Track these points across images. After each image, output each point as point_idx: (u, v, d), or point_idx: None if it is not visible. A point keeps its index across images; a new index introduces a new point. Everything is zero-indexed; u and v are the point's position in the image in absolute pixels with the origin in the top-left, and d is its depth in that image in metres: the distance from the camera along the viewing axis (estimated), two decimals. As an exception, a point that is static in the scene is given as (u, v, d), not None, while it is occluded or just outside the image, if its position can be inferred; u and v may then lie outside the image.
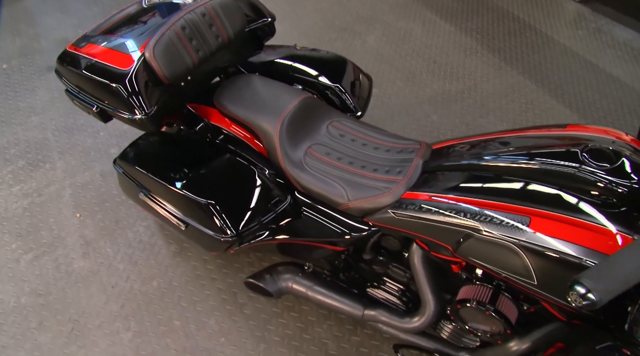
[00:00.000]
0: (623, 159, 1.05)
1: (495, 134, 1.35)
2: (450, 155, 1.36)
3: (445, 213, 1.20)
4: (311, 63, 1.79)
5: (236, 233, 1.44)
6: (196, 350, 1.81)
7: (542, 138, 1.24)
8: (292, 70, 1.78)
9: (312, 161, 1.47)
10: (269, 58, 1.84)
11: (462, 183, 1.23)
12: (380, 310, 1.56)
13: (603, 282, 0.67)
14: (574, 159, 1.09)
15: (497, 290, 1.23)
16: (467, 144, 1.38)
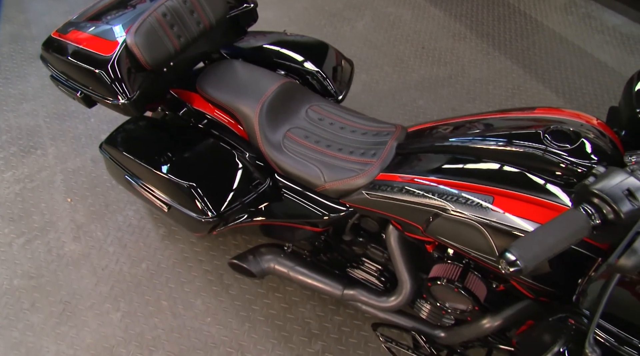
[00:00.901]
0: (582, 140, 1.09)
1: (467, 117, 1.38)
2: (423, 138, 1.39)
3: (415, 193, 1.24)
4: (293, 49, 1.81)
5: (217, 214, 1.48)
6: (183, 330, 1.86)
7: (510, 120, 1.27)
8: (274, 55, 1.80)
9: (290, 144, 1.51)
10: (253, 44, 1.86)
11: (431, 164, 1.27)
12: (359, 290, 1.60)
13: (529, 251, 0.71)
14: (536, 140, 1.13)
15: (466, 268, 1.28)
16: (440, 126, 1.41)
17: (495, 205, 1.10)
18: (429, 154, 1.32)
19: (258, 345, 1.81)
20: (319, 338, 1.82)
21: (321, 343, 1.80)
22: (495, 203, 1.10)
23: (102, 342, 1.84)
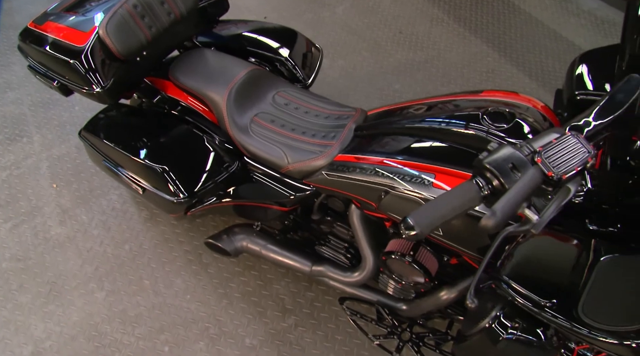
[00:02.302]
0: (517, 120, 1.17)
1: (421, 100, 1.46)
2: (380, 120, 1.47)
3: (368, 172, 1.32)
4: (263, 37, 1.88)
5: (187, 195, 1.57)
6: (164, 307, 1.96)
7: (458, 103, 1.35)
8: (245, 44, 1.87)
9: (257, 128, 1.59)
10: (225, 33, 1.93)
11: (383, 145, 1.36)
12: (326, 266, 1.70)
13: (425, 217, 0.79)
14: (476, 121, 1.21)
15: (417, 243, 1.37)
16: (396, 109, 1.49)
17: (436, 182, 1.18)
18: (382, 135, 1.40)
19: (234, 320, 1.91)
20: (292, 313, 1.91)
21: (294, 318, 1.90)
22: (437, 180, 1.19)
23: (88, 319, 1.94)
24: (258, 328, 1.89)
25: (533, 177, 0.79)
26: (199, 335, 1.89)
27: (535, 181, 0.79)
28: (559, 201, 0.80)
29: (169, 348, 1.86)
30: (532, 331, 1.14)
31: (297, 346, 1.84)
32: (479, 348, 1.20)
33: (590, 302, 0.82)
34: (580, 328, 0.81)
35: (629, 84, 0.88)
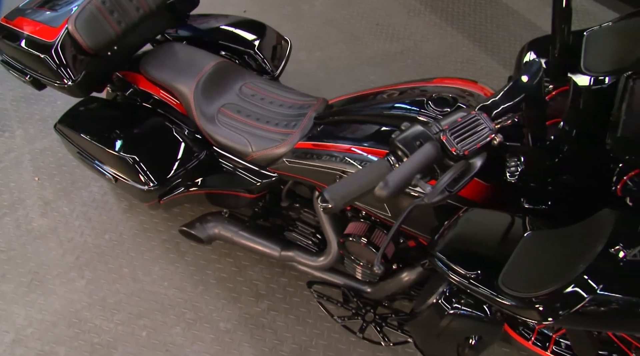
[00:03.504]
0: (458, 104, 1.22)
1: (378, 89, 1.52)
2: (339, 108, 1.53)
3: (323, 158, 1.38)
4: (233, 31, 1.94)
5: (157, 183, 1.63)
6: (142, 293, 2.03)
7: (409, 90, 1.41)
8: (215, 37, 1.93)
9: (224, 118, 1.65)
10: (196, 27, 1.98)
11: (339, 131, 1.42)
12: (295, 251, 1.76)
13: (339, 192, 0.85)
14: (421, 107, 1.26)
15: (372, 225, 1.43)
16: (354, 97, 1.55)
17: (385, 166, 1.24)
18: (338, 123, 1.46)
19: (210, 305, 1.98)
20: (265, 298, 1.98)
21: (267, 302, 1.97)
22: (385, 164, 1.24)
23: (69, 307, 2.00)
24: (232, 313, 1.95)
25: (427, 152, 0.85)
26: (175, 320, 1.95)
27: (428, 155, 0.85)
28: (451, 173, 0.86)
29: (146, 332, 1.93)
30: (477, 306, 1.21)
31: (270, 330, 1.90)
32: (427, 323, 1.27)
33: (509, 273, 0.89)
34: (498, 296, 0.87)
35: (531, 68, 0.94)
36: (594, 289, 0.76)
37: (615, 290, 0.76)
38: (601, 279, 0.76)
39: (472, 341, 1.26)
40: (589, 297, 0.76)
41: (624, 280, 0.77)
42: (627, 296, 0.76)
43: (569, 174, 1.05)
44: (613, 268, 0.76)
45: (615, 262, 0.76)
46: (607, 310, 0.78)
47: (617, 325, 0.82)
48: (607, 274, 0.76)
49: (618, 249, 0.76)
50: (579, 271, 0.77)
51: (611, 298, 0.76)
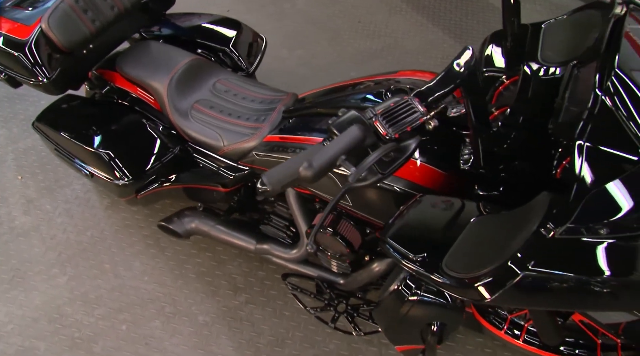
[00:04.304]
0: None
1: (345, 82, 1.55)
2: (307, 102, 1.56)
3: (289, 150, 1.41)
4: (208, 29, 1.97)
5: (132, 178, 1.66)
6: (123, 288, 2.06)
7: (373, 83, 1.44)
8: (192, 36, 1.96)
9: (197, 114, 1.68)
10: (173, 26, 2.02)
11: (305, 124, 1.45)
12: (269, 244, 1.79)
13: (274, 177, 0.89)
14: (380, 98, 1.30)
15: (339, 216, 1.46)
16: (323, 91, 1.58)
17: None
18: (305, 116, 1.49)
19: (189, 299, 2.01)
20: (243, 291, 2.01)
21: (245, 296, 2.00)
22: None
23: (50, 303, 2.03)
24: (211, 306, 1.98)
25: (351, 134, 0.88)
26: (155, 313, 1.98)
27: (353, 137, 0.88)
28: (376, 154, 0.89)
29: (126, 326, 1.96)
30: (437, 293, 1.24)
31: (247, 322, 1.93)
32: (389, 310, 1.30)
33: (453, 255, 0.92)
34: (440, 277, 0.91)
35: (465, 56, 0.97)
36: (525, 267, 0.79)
37: (545, 267, 0.79)
38: (531, 258, 0.79)
39: (434, 328, 1.29)
40: (521, 275, 0.79)
41: (552, 258, 0.80)
42: (556, 273, 0.79)
43: (518, 160, 1.08)
44: (543, 247, 0.79)
45: (544, 241, 0.79)
46: (539, 286, 0.81)
47: (550, 301, 0.86)
48: (537, 253, 0.79)
49: (548, 228, 0.79)
50: (512, 251, 0.80)
51: (541, 275, 0.79)
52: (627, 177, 0.80)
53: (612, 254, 0.80)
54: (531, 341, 1.75)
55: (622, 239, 0.80)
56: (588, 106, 0.84)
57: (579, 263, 0.81)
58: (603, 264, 0.80)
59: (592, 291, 0.81)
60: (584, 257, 0.81)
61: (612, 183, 0.80)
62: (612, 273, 0.79)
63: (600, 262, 0.80)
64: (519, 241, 0.81)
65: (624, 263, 0.80)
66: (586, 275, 0.80)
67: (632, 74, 0.89)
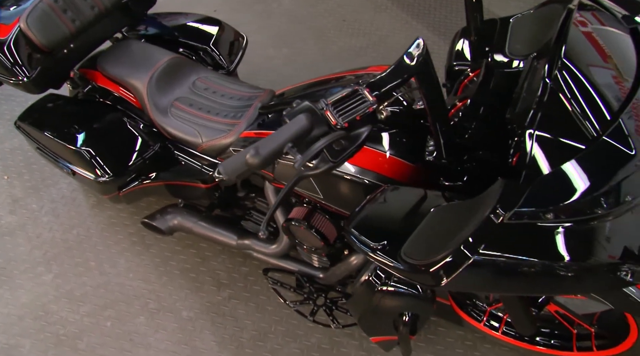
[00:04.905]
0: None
1: (320, 78, 1.57)
2: (283, 98, 1.58)
3: (264, 146, 1.43)
4: (189, 27, 2.00)
5: (112, 175, 1.68)
6: (109, 285, 2.08)
7: (345, 78, 1.46)
8: (173, 35, 1.98)
9: (177, 111, 1.70)
10: (155, 25, 2.04)
11: (279, 120, 1.47)
12: (250, 239, 1.81)
13: (230, 166, 0.92)
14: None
15: (313, 209, 1.48)
16: (298, 88, 1.60)
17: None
18: (280, 111, 1.51)
19: (173, 295, 2.03)
20: (227, 287, 2.03)
21: (229, 291, 2.02)
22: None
23: (35, 301, 2.05)
24: (195, 302, 2.00)
25: (297, 122, 0.91)
26: (140, 309, 2.00)
27: (299, 125, 0.91)
28: (322, 142, 0.92)
29: (111, 323, 1.98)
30: (406, 283, 1.26)
31: (231, 317, 1.95)
32: (361, 301, 1.32)
33: (412, 243, 0.94)
34: (396, 264, 0.93)
35: (416, 48, 0.99)
36: (476, 251, 0.82)
37: (496, 251, 0.81)
38: (482, 242, 0.81)
39: (406, 318, 1.32)
40: (472, 259, 0.81)
41: (503, 242, 0.82)
42: (507, 256, 0.82)
43: (480, 150, 1.11)
44: (492, 232, 0.81)
45: (494, 226, 0.81)
46: (491, 270, 0.83)
47: (503, 285, 0.88)
48: (488, 238, 0.82)
49: (498, 213, 0.81)
50: (464, 236, 0.83)
51: (493, 259, 0.82)
52: (573, 163, 0.82)
53: (562, 239, 0.83)
54: (509, 333, 1.78)
55: (572, 223, 0.82)
56: (537, 94, 0.87)
57: (530, 247, 0.83)
58: (554, 248, 0.83)
59: (544, 274, 0.84)
60: (535, 241, 0.83)
61: (559, 168, 0.82)
62: (562, 257, 0.82)
63: (551, 246, 0.83)
64: (471, 227, 0.83)
65: (574, 247, 0.83)
66: (537, 259, 0.82)
67: (580, 65, 0.91)
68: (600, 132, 0.85)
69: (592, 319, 1.62)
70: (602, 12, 1.15)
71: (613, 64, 0.99)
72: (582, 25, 1.09)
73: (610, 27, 1.09)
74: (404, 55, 0.98)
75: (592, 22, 1.12)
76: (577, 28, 1.01)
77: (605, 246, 0.84)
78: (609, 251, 0.84)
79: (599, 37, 1.06)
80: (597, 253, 0.84)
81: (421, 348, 1.85)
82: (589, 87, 0.90)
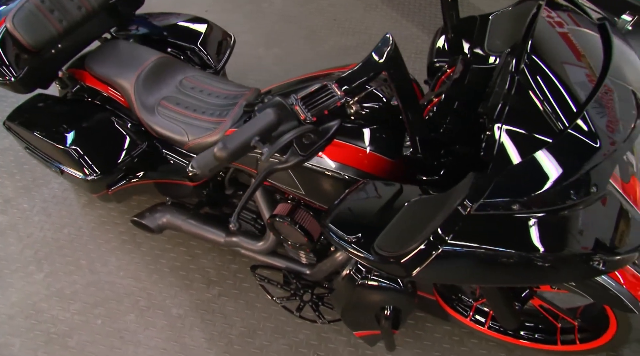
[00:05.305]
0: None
1: (304, 76, 1.59)
2: (267, 96, 1.60)
3: (248, 143, 1.45)
4: (177, 27, 2.01)
5: (100, 173, 1.70)
6: (99, 283, 2.09)
7: (327, 76, 1.48)
8: (161, 35, 2.00)
9: (164, 110, 1.71)
10: (143, 25, 2.05)
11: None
12: (238, 236, 1.83)
13: (202, 161, 0.93)
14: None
15: (297, 206, 1.49)
16: (283, 85, 1.62)
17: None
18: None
19: (163, 293, 2.04)
20: (216, 284, 2.05)
21: (218, 288, 2.04)
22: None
23: (26, 299, 2.06)
24: (184, 299, 2.02)
25: (264, 117, 0.93)
26: (130, 307, 2.02)
27: (266, 120, 0.92)
28: (288, 135, 0.94)
29: (101, 321, 1.99)
30: (387, 277, 1.28)
31: (220, 314, 1.97)
32: (342, 295, 1.34)
33: (385, 236, 0.96)
34: (368, 256, 0.95)
35: (384, 44, 1.01)
36: (445, 242, 0.83)
37: (462, 242, 0.83)
38: (451, 233, 0.83)
39: (387, 312, 1.33)
40: (440, 249, 0.83)
41: (469, 233, 0.84)
42: (473, 247, 0.83)
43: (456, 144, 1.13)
44: (460, 223, 0.83)
45: (462, 217, 0.83)
46: (460, 261, 0.85)
47: (472, 276, 0.90)
48: (455, 229, 0.83)
49: (465, 205, 0.83)
50: (433, 228, 0.85)
51: (460, 250, 0.84)
52: (539, 155, 0.84)
53: (532, 229, 0.84)
54: (496, 328, 1.80)
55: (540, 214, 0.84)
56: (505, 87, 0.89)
57: (499, 238, 0.85)
58: (524, 238, 0.84)
59: (514, 265, 0.86)
60: (505, 232, 0.85)
61: (525, 161, 0.84)
62: (532, 247, 0.84)
63: (521, 236, 0.84)
64: (440, 219, 0.85)
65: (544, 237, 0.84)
66: (507, 249, 0.84)
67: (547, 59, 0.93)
68: (567, 125, 0.87)
69: (575, 313, 1.64)
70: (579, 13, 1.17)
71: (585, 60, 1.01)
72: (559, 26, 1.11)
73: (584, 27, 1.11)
74: (372, 51, 1.00)
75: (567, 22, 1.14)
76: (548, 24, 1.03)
77: (576, 236, 0.86)
78: (581, 241, 0.86)
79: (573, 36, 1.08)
80: (569, 243, 0.86)
81: (409, 344, 1.87)
82: (556, 82, 0.91)
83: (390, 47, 0.98)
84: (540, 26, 1.02)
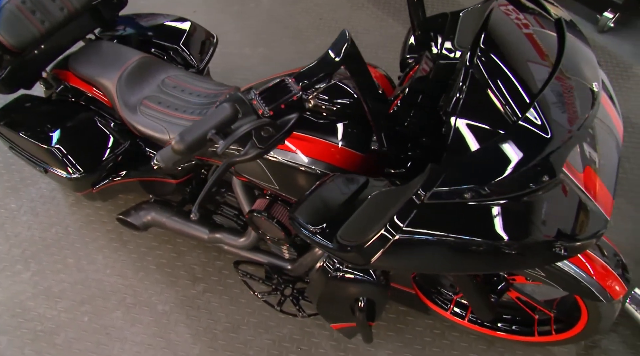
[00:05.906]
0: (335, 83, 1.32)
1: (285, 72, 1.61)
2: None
3: (225, 140, 1.47)
4: (160, 28, 2.04)
5: (83, 172, 1.72)
6: (86, 281, 2.12)
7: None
8: (144, 35, 2.03)
9: (146, 109, 1.74)
10: (127, 26, 2.08)
11: (240, 115, 1.51)
12: (221, 233, 1.85)
13: (165, 155, 0.96)
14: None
15: (273, 201, 1.52)
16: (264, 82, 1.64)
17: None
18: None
19: (149, 290, 2.07)
20: (201, 281, 2.08)
21: (203, 285, 2.06)
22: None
23: (13, 298, 2.09)
24: (170, 296, 2.05)
25: (220, 110, 0.95)
26: (116, 304, 2.04)
27: (223, 113, 0.95)
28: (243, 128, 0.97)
29: (88, 318, 2.02)
30: (360, 269, 1.31)
31: (205, 310, 2.00)
32: (316, 286, 1.37)
33: (348, 226, 0.99)
34: (329, 245, 0.97)
35: (341, 40, 1.04)
36: (399, 230, 0.86)
37: (417, 230, 0.86)
38: (404, 222, 0.86)
39: (361, 304, 1.36)
40: (396, 237, 0.86)
41: (423, 221, 0.87)
42: (428, 235, 0.86)
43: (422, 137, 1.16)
44: (413, 212, 0.86)
45: (415, 206, 0.86)
46: (416, 249, 0.88)
47: (428, 263, 0.92)
48: (409, 218, 0.86)
49: (419, 194, 0.86)
50: (389, 217, 0.87)
51: (415, 238, 0.86)
52: (490, 146, 0.87)
53: (484, 217, 0.87)
54: (475, 320, 1.83)
55: (494, 202, 0.87)
56: (460, 80, 0.92)
57: (454, 225, 0.88)
58: (477, 226, 0.87)
59: (471, 252, 0.88)
60: (459, 219, 0.88)
61: (476, 151, 0.87)
62: (484, 234, 0.86)
63: (476, 224, 0.87)
64: (397, 208, 0.88)
65: (497, 225, 0.87)
66: (461, 236, 0.87)
67: (500, 53, 0.96)
68: (520, 116, 0.90)
69: (552, 305, 1.67)
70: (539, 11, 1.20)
71: (540, 55, 1.04)
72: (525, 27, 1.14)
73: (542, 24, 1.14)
74: (329, 48, 1.02)
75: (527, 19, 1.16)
76: (506, 20, 1.06)
77: (534, 224, 0.89)
78: (540, 229, 0.88)
79: (530, 32, 1.11)
80: (525, 230, 0.88)
81: (390, 338, 1.90)
82: (510, 75, 0.94)
83: (348, 43, 1.01)
84: (496, 21, 1.04)
